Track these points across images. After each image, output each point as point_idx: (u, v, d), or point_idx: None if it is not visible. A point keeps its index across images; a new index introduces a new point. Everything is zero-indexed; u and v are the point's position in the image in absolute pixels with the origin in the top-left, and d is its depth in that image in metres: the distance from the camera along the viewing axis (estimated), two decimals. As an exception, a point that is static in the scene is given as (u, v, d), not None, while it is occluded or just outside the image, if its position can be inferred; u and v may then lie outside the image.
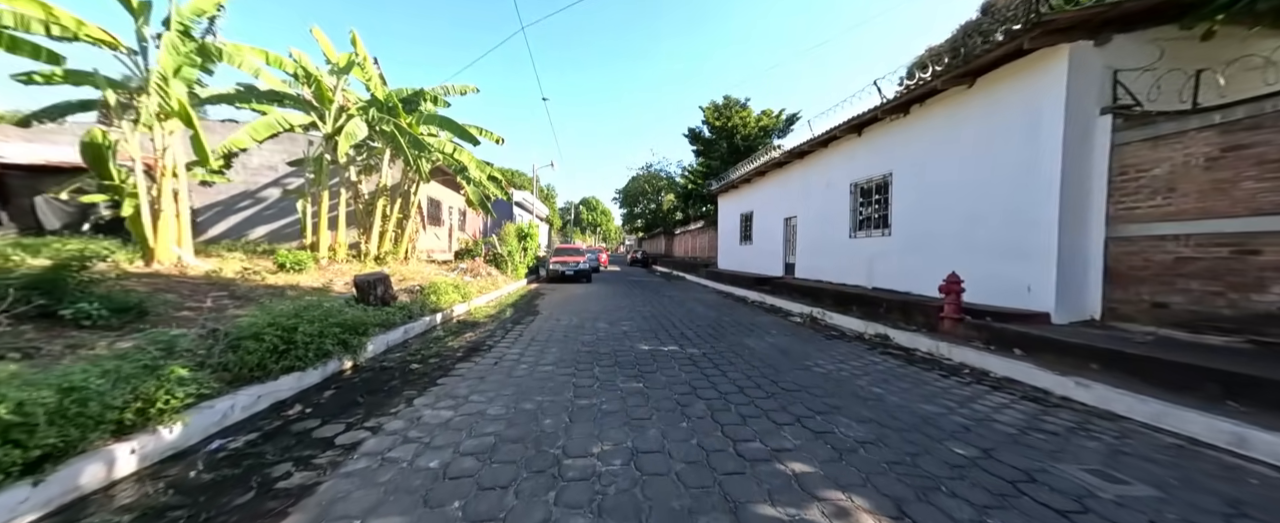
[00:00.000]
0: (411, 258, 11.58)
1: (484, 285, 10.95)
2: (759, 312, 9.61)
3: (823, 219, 11.41)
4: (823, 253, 11.37)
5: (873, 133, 9.35)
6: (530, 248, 17.32)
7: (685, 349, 5.53)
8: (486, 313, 8.13)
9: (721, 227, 20.71)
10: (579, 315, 8.19)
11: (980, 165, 6.73)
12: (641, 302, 10.74)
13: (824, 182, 11.39)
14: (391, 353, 4.99)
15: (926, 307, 6.78)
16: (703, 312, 9.20)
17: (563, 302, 10.38)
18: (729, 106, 22.51)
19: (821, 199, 11.48)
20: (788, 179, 13.63)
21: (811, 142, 11.11)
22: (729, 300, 11.89)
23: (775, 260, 14.37)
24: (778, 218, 14.27)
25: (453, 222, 17.30)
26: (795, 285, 11.21)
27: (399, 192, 10.76)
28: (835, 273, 10.72)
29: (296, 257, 7.34)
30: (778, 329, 7.33)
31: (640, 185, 42.57)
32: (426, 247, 14.36)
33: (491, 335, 6.16)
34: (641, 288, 14.93)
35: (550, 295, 11.76)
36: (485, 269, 12.54)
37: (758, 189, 16.17)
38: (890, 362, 5.21)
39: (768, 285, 12.99)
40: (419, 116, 9.47)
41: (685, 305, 10.26)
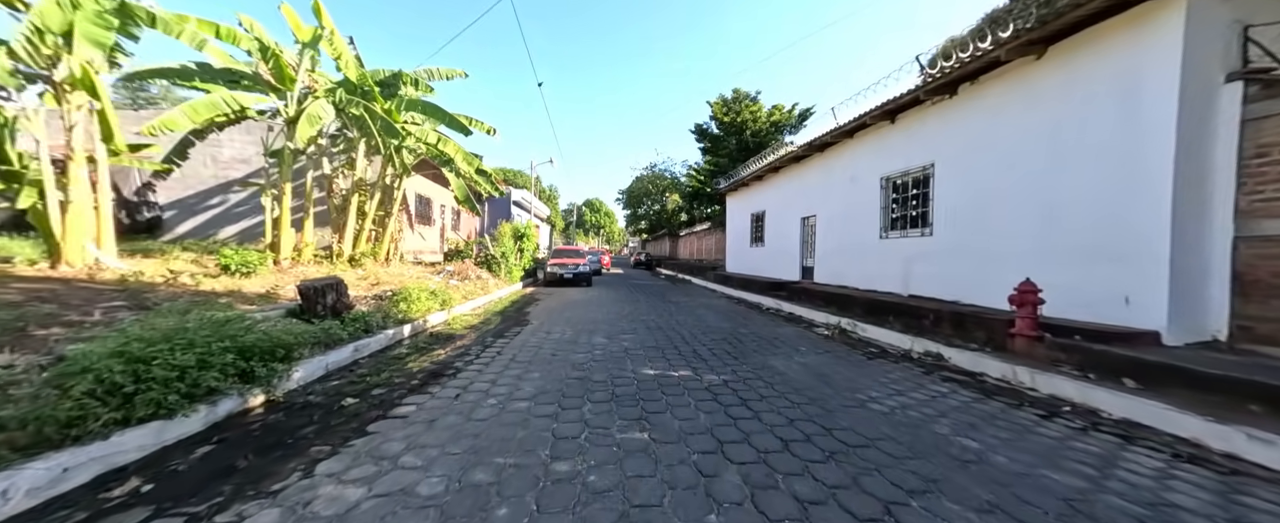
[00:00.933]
0: (393, 260, 10.56)
1: (471, 290, 9.89)
2: (778, 321, 8.49)
3: (847, 218, 10.29)
4: (847, 256, 10.23)
5: (910, 119, 8.23)
6: (527, 249, 16.27)
7: (700, 375, 4.43)
8: (467, 323, 7.06)
9: (730, 228, 19.60)
10: (574, 326, 7.11)
11: (1055, 151, 5.60)
12: (645, 309, 9.65)
13: (848, 176, 10.27)
14: (329, 380, 3.93)
15: (987, 320, 5.65)
16: (715, 322, 8.09)
17: (558, 309, 9.30)
18: (738, 100, 21.38)
19: (845, 196, 10.36)
20: (805, 175, 12.52)
21: (835, 132, 10.01)
22: (742, 307, 10.77)
23: (791, 264, 13.24)
24: (794, 218, 13.15)
25: (445, 221, 16.30)
26: (816, 291, 10.09)
27: (379, 187, 9.73)
28: (862, 278, 9.59)
29: (244, 258, 6.31)
30: (806, 345, 6.22)
31: (644, 186, 41.53)
32: (414, 248, 13.35)
33: (464, 353, 5.08)
34: (645, 292, 13.84)
35: (545, 301, 10.69)
36: (475, 272, 11.50)
37: (771, 187, 15.05)
38: (962, 394, 4.09)
39: (784, 291, 11.87)
40: (399, 102, 8.45)
41: (694, 313, 9.17)
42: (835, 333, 7.43)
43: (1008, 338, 5.25)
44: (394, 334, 5.42)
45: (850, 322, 7.60)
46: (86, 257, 5.22)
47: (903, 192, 8.58)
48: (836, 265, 10.73)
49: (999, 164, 6.38)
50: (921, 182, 8.04)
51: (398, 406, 3.38)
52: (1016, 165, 6.09)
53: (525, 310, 8.93)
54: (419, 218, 13.71)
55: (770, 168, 14.20)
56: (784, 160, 13.04)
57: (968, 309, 6.27)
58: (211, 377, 2.74)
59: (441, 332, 6.28)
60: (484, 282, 11.06)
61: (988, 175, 6.57)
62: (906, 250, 8.29)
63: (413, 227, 12.91)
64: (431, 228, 14.48)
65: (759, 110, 21.08)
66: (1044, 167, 5.73)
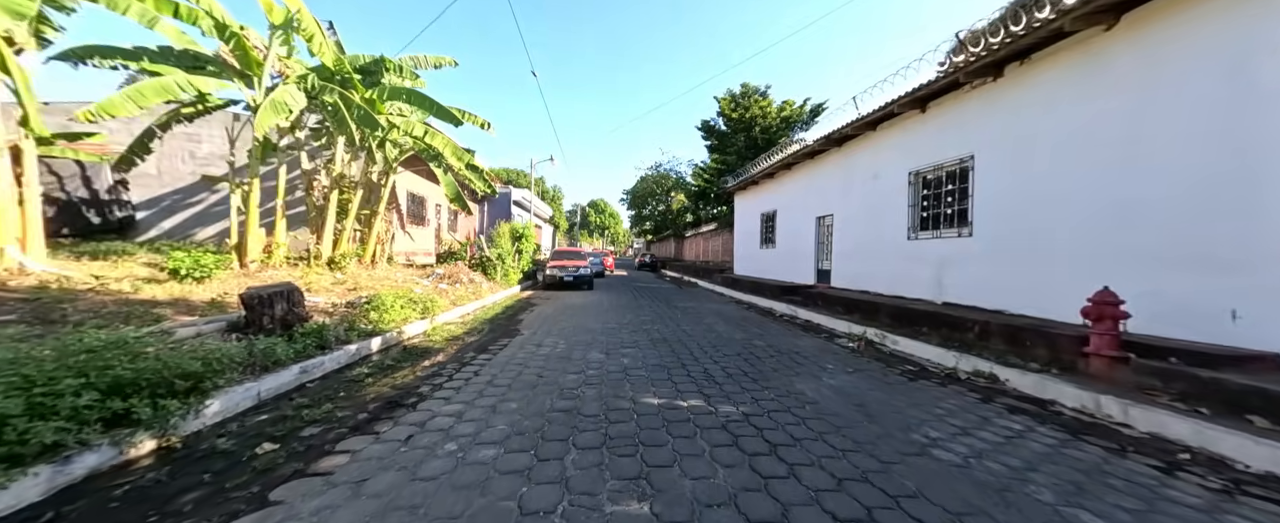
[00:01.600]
0: (380, 262, 9.86)
1: (461, 295, 9.17)
2: (794, 331, 7.67)
3: (869, 218, 9.45)
4: (869, 258, 9.39)
5: (944, 107, 7.39)
6: (526, 250, 15.55)
7: (715, 405, 3.65)
8: (449, 334, 6.32)
9: (738, 228, 18.78)
10: (569, 338, 6.35)
11: (1132, 137, 4.77)
12: (650, 316, 8.87)
13: (870, 172, 9.44)
14: (258, 413, 3.18)
15: (1049, 335, 4.82)
16: (726, 331, 7.29)
17: (554, 316, 8.55)
18: (747, 95, 20.52)
19: (867, 193, 9.53)
20: (821, 172, 11.69)
21: (856, 123, 9.18)
22: (753, 313, 9.96)
23: (805, 266, 12.41)
24: (808, 217, 12.32)
25: (441, 222, 15.63)
26: (834, 296, 9.26)
27: (362, 184, 9.03)
28: (887, 282, 8.74)
29: (197, 261, 5.61)
30: (832, 361, 5.41)
31: (649, 186, 40.74)
32: (406, 249, 12.66)
33: (436, 374, 4.33)
34: (650, 297, 13.06)
35: (541, 307, 9.95)
36: (468, 275, 10.78)
37: (783, 185, 14.23)
38: (1041, 433, 3.28)
39: (798, 296, 11.05)
40: (381, 91, 7.73)
41: (702, 321, 8.37)
42: (862, 346, 6.63)
43: (1080, 357, 4.42)
44: (357, 350, 4.68)
45: (878, 332, 6.79)
46: (5, 260, 4.54)
47: (935, 188, 7.74)
48: (857, 268, 9.89)
49: (1056, 154, 5.54)
50: (958, 175, 7.20)
51: (327, 455, 2.62)
52: (1079, 156, 5.25)
53: (518, 318, 8.18)
54: (411, 218, 13.03)
55: (782, 165, 13.38)
56: (798, 156, 12.22)
57: (1023, 321, 5.43)
58: (51, 429, 1.99)
59: (417, 345, 5.53)
60: (476, 286, 10.34)
61: (1041, 168, 5.73)
62: (940, 252, 7.45)
63: (404, 227, 12.21)
64: (425, 228, 13.81)
65: (769, 106, 20.19)
66: (1117, 157, 4.89)
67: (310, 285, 6.69)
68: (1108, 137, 4.97)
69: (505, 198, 22.35)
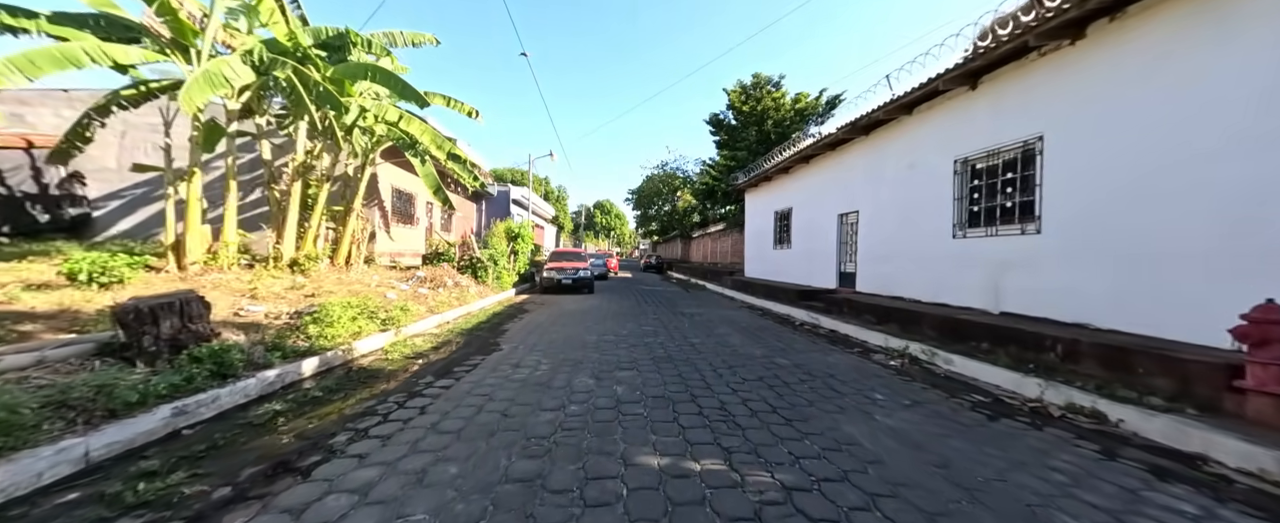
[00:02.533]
0: (355, 263, 8.90)
1: (443, 301, 8.17)
2: (820, 344, 6.57)
3: (903, 214, 8.32)
4: (904, 260, 8.25)
5: (1002, 80, 6.26)
6: (522, 251, 14.57)
7: (741, 470, 2.58)
8: (413, 351, 5.31)
9: (750, 227, 17.66)
10: (555, 355, 5.31)
11: (1274, 106, 3.62)
12: (653, 325, 7.81)
13: (905, 162, 8.30)
14: (69, 486, 2.18)
15: (1174, 361, 3.70)
16: (741, 345, 6.21)
17: (545, 325, 7.52)
18: (759, 86, 19.34)
19: (901, 187, 8.39)
20: (845, 164, 10.56)
21: (889, 106, 8.05)
22: (769, 322, 8.86)
23: (825, 268, 11.27)
24: (828, 215, 11.19)
25: (433, 220, 14.71)
26: (862, 303, 8.14)
27: (331, 176, 8.07)
28: (927, 287, 7.60)
29: (103, 264, 4.65)
30: (879, 387, 4.33)
31: (655, 185, 39.68)
32: (392, 250, 11.72)
33: (367, 413, 3.31)
34: (654, 301, 12.00)
35: (533, 314, 8.93)
36: (454, 278, 9.79)
37: (800, 180, 13.10)
38: (1225, 517, 2.17)
39: (818, 301, 9.93)
40: (349, 70, 6.76)
41: (713, 331, 7.29)
42: (905, 364, 5.54)
43: (1227, 393, 3.29)
44: (278, 377, 3.67)
45: (924, 348, 5.68)
46: None
47: (989, 177, 6.60)
48: (888, 271, 8.74)
49: (1161, 130, 4.40)
50: (1018, 162, 6.06)
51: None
52: (1205, 125, 4.10)
53: (503, 328, 7.15)
54: (397, 216, 12.10)
55: (799, 157, 12.25)
56: (817, 147, 11.09)
57: (1127, 341, 4.28)
58: None
59: (368, 367, 4.52)
60: (462, 290, 9.34)
61: (1140, 146, 4.59)
62: (997, 253, 6.30)
63: (388, 226, 11.28)
64: (414, 228, 12.87)
65: (782, 98, 18.98)
66: (1253, 130, 3.74)
67: (256, 292, 5.73)
68: (1234, 106, 3.83)
69: (504, 196, 21.41)
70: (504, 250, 12.86)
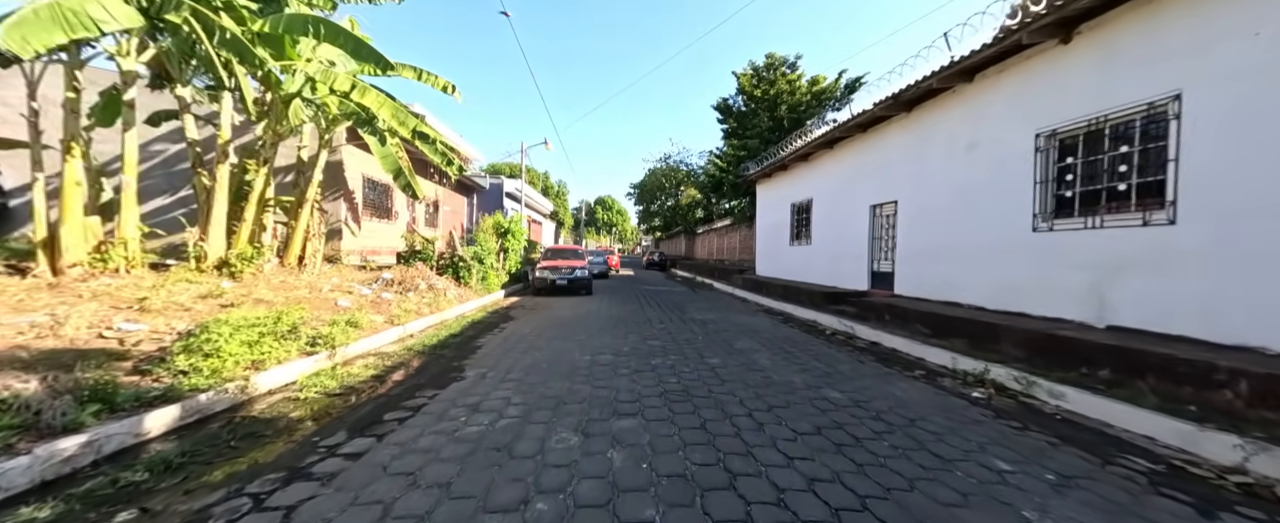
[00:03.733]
0: (312, 263, 7.58)
1: (410, 309, 6.85)
2: (870, 364, 5.22)
3: (959, 202, 6.94)
4: (961, 257, 6.88)
5: (1111, 26, 4.85)
6: (513, 248, 13.24)
7: None
8: (343, 382, 3.99)
9: (762, 222, 16.28)
10: (531, 390, 3.98)
11: None
12: (660, 338, 6.47)
13: (962, 140, 6.91)
14: None
15: None
16: (773, 368, 4.87)
17: (528, 341, 6.19)
18: (773, 68, 17.80)
19: (956, 170, 7.01)
20: (879, 147, 9.17)
21: (943, 72, 6.66)
22: (794, 331, 7.52)
23: (854, 268, 9.90)
24: (858, 205, 9.81)
25: (416, 215, 13.38)
26: (907, 310, 6.80)
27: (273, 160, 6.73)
28: (996, 292, 6.23)
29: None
30: (995, 447, 2.97)
31: (658, 180, 38.22)
32: (366, 247, 10.42)
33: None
34: (659, 305, 10.66)
35: (518, 323, 7.60)
36: (429, 281, 8.47)
37: (822, 168, 11.71)
38: None
39: (849, 305, 8.58)
40: (287, 23, 5.40)
41: (733, 347, 5.95)
42: (993, 396, 4.23)
43: None
44: (87, 446, 2.36)
45: (1014, 375, 4.36)
46: None
47: (1088, 153, 5.21)
48: (938, 272, 7.37)
49: None
50: (1138, 132, 4.67)
51: None
52: None
53: (476, 344, 5.82)
54: (370, 209, 10.78)
55: (822, 142, 10.85)
56: (845, 129, 9.68)
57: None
58: None
59: (260, 414, 3.19)
60: (437, 295, 8.01)
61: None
62: (1102, 250, 4.92)
63: (357, 220, 9.97)
64: (391, 223, 11.55)
65: (797, 80, 17.44)
66: None
67: (147, 303, 4.41)
68: None
69: (497, 190, 20.06)
70: (492, 248, 11.53)
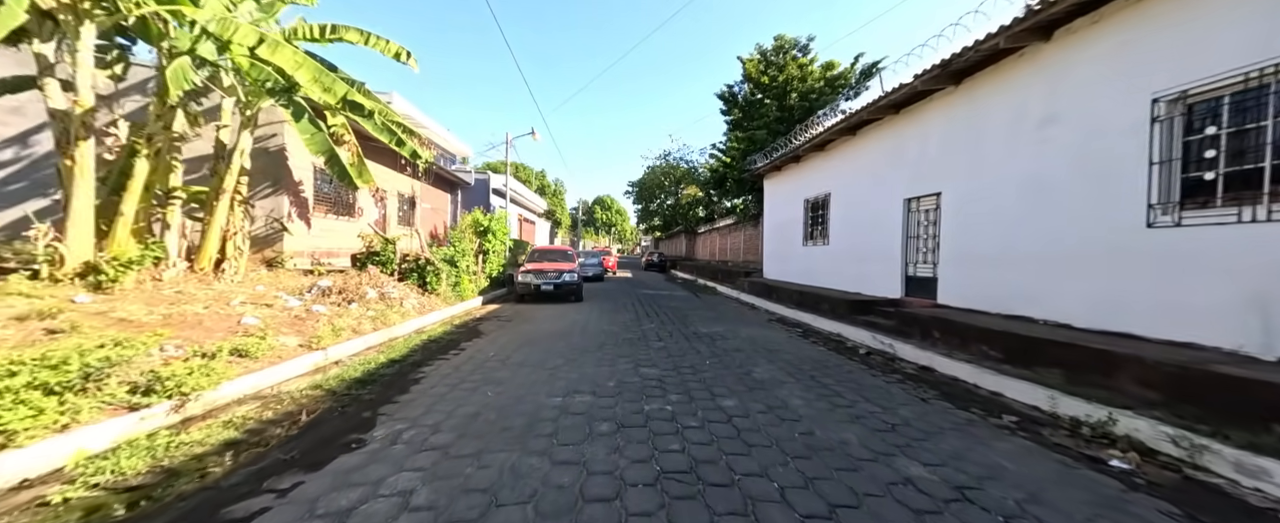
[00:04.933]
0: (234, 266, 6.21)
1: (347, 326, 5.47)
2: (935, 403, 3.84)
3: (1032, 192, 5.57)
4: (1036, 261, 5.51)
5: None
6: (495, 250, 11.86)
7: None
8: (174, 454, 2.62)
9: (770, 220, 14.91)
10: (454, 469, 2.62)
11: None
12: (660, 363, 5.09)
13: (1035, 115, 5.55)
14: None
15: None
16: (815, 420, 3.48)
17: (486, 372, 4.82)
18: (782, 51, 16.33)
19: (1025, 152, 5.64)
20: (916, 130, 7.80)
21: (1014, 28, 5.28)
22: (820, 349, 6.16)
23: (884, 271, 8.52)
24: (888, 199, 8.44)
25: (387, 211, 12.00)
26: (960, 325, 5.45)
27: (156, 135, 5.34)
28: (1092, 305, 4.86)
29: None
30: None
31: (657, 177, 36.85)
32: (323, 247, 9.04)
33: None
34: (658, 313, 9.29)
35: (483, 342, 6.23)
36: (382, 288, 7.09)
37: (842, 158, 10.35)
38: None
39: (882, 317, 7.23)
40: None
41: (752, 379, 4.57)
42: (1137, 462, 2.90)
43: None
44: None
45: (1167, 431, 3.00)
46: None
47: (1236, 119, 3.84)
48: (1001, 279, 5.99)
49: None
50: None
51: None
52: None
53: (414, 376, 4.44)
54: (328, 203, 9.40)
55: (844, 128, 9.47)
56: (875, 109, 8.30)
57: None
58: None
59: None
60: (388, 307, 6.64)
61: None
62: (1266, 251, 3.55)
63: (307, 215, 8.59)
64: (354, 220, 10.16)
65: (810, 65, 16.02)
66: None
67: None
68: None
69: (483, 185, 18.65)
70: (468, 249, 10.15)
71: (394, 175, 12.08)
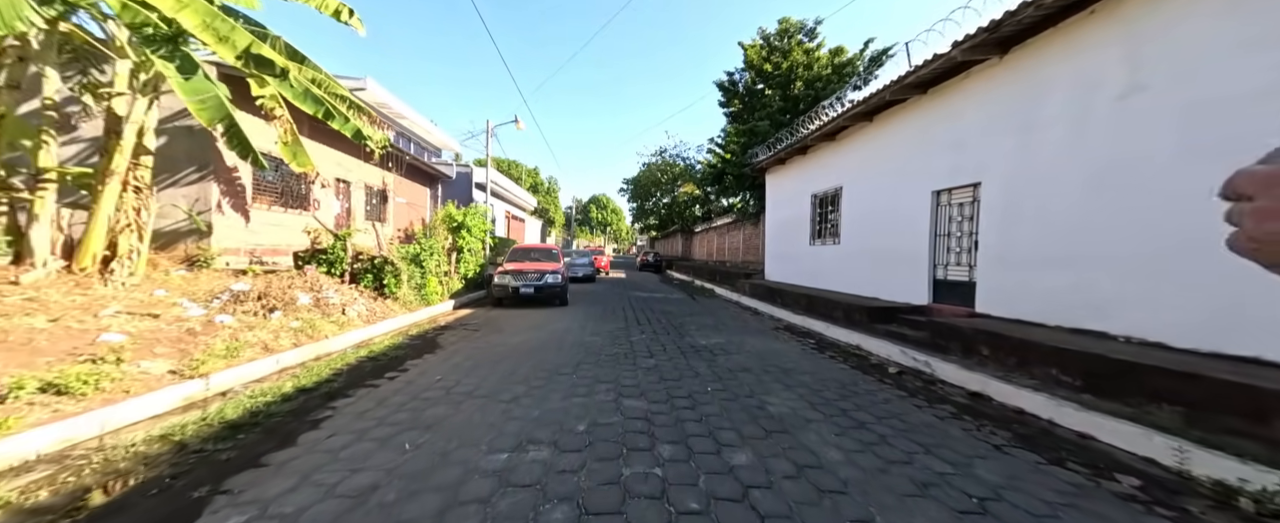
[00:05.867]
0: (130, 265, 5.05)
1: (253, 341, 4.34)
2: (1016, 452, 2.75)
3: (1106, 180, 4.54)
4: (1115, 263, 4.48)
5: None
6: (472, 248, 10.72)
7: None
8: None
9: (772, 217, 13.87)
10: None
11: None
12: (647, 383, 4.01)
13: (1113, 86, 4.51)
14: None
15: None
16: (854, 477, 2.39)
17: (424, 400, 3.72)
18: (787, 36, 15.17)
19: (1094, 134, 4.61)
20: (948, 112, 6.76)
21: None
22: (834, 362, 5.10)
23: (908, 274, 7.48)
24: (913, 192, 7.41)
25: (352, 205, 10.82)
26: (1013, 341, 4.43)
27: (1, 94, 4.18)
28: (1194, 320, 3.83)
29: None
30: None
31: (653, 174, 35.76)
32: (266, 244, 7.89)
33: None
34: (652, 320, 8.20)
35: (437, 358, 5.11)
36: (322, 293, 5.95)
37: (856, 148, 9.31)
38: None
39: (908, 326, 6.19)
40: None
41: (761, 407, 3.48)
42: None
43: None
44: None
45: None
46: None
47: None
48: (1065, 284, 4.96)
49: None
50: None
51: None
52: None
53: (318, 415, 3.32)
54: (273, 194, 8.24)
55: (861, 112, 8.42)
56: (899, 89, 7.24)
57: None
58: None
59: None
60: (324, 315, 5.50)
61: None
62: None
63: (245, 208, 7.44)
64: (304, 214, 8.98)
65: (816, 51, 14.91)
66: None
67: None
68: None
69: (465, 180, 17.46)
70: (437, 247, 9.01)
71: (359, 164, 10.91)
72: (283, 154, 5.63)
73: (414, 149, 19.41)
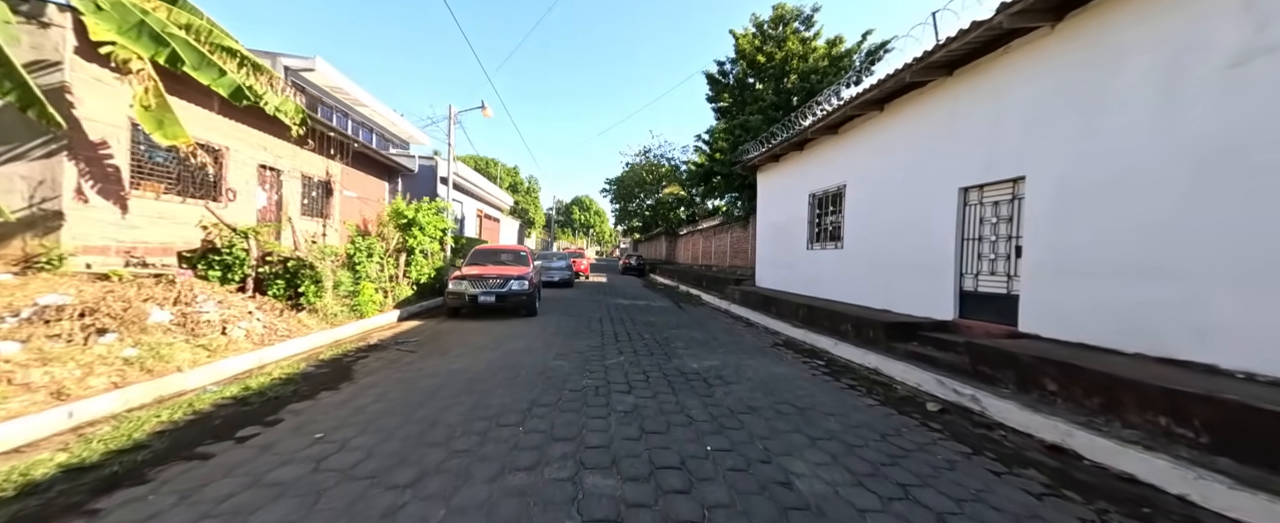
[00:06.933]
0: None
1: (37, 384, 2.92)
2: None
3: (1213, 170, 3.52)
4: (1197, 282, 3.44)
5: None
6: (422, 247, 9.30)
7: None
8: None
9: (764, 219, 12.83)
10: None
11: None
12: (622, 431, 2.79)
13: (1222, 52, 3.50)
14: None
15: None
16: None
17: (269, 490, 2.39)
18: (782, 23, 14.09)
19: (1189, 115, 3.60)
20: (979, 95, 5.77)
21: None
22: (852, 392, 3.93)
23: (928, 283, 6.44)
24: (935, 190, 6.40)
25: (284, 197, 9.26)
26: (1092, 375, 3.35)
27: None
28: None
29: None
30: None
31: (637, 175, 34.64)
32: (157, 241, 6.34)
33: None
34: (630, 332, 6.96)
35: (339, 396, 3.78)
36: (205, 303, 4.52)
37: (863, 141, 8.30)
38: None
39: (937, 347, 5.12)
40: None
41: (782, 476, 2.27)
42: None
43: None
44: None
45: None
46: None
47: None
48: (1147, 301, 3.94)
49: None
50: None
51: None
52: None
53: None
54: (160, 178, 6.69)
55: (872, 100, 7.40)
56: (921, 69, 6.20)
57: None
58: None
59: None
60: (191, 336, 4.08)
61: None
62: None
63: (121, 194, 5.91)
64: (220, 206, 7.42)
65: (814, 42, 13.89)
66: None
67: None
68: None
69: (429, 173, 15.91)
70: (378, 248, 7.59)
71: (293, 150, 9.37)
72: (140, 119, 4.21)
73: (377, 141, 17.73)
